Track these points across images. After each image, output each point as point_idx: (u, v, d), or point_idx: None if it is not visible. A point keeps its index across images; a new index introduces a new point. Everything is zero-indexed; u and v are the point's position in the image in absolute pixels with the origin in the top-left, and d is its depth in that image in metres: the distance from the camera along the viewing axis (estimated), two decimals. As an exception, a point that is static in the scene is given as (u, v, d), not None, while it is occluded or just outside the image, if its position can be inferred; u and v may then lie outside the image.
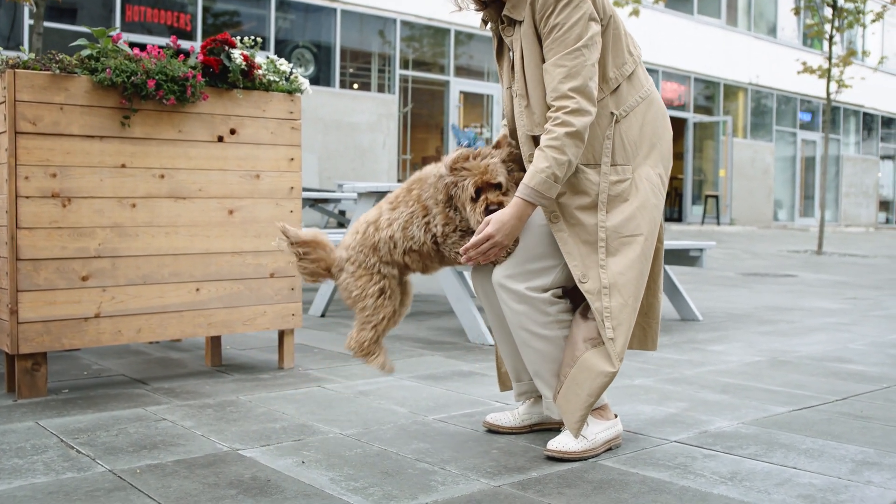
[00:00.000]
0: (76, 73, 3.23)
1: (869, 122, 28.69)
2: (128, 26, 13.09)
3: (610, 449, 2.61)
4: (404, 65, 17.39)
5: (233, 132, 3.60)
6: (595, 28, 2.43)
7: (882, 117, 29.08)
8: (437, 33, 17.94)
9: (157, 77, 3.30)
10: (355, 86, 16.77)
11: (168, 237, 3.44)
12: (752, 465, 2.48)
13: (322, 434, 2.76)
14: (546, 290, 2.54)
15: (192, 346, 4.36)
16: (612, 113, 2.52)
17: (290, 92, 3.78)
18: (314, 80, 15.40)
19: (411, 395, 3.35)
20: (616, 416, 2.67)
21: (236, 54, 3.55)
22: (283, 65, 3.75)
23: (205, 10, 14.18)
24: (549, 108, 2.44)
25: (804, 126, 26.20)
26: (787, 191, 25.97)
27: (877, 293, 8.14)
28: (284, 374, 3.73)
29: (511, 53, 2.60)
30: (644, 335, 2.77)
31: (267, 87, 3.70)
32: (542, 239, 2.55)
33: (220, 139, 3.57)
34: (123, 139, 3.33)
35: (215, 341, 3.90)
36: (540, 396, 2.81)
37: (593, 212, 2.50)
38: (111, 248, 3.30)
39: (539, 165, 2.40)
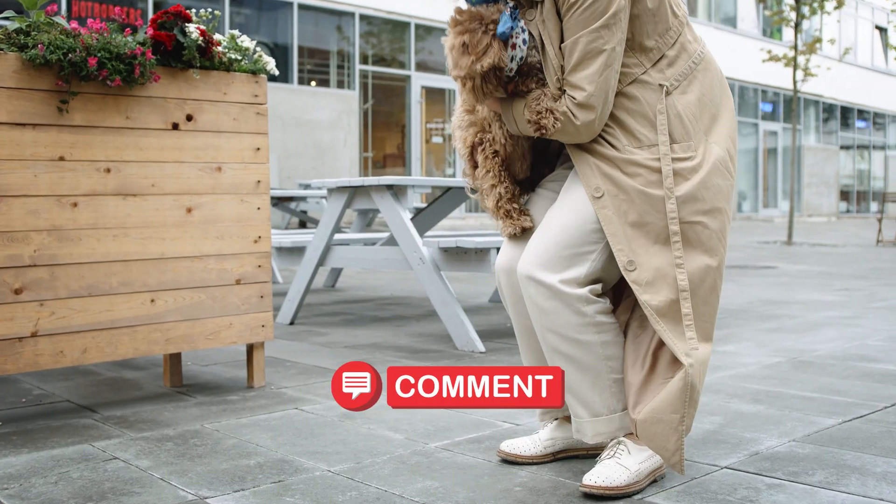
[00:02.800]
0: (2, 49, 2.74)
1: (828, 112, 28.72)
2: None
3: (655, 481, 2.19)
4: (364, 60, 16.91)
5: (189, 118, 3.12)
6: (619, 4, 2.03)
7: (841, 107, 29.13)
8: (397, 27, 17.48)
9: (99, 54, 2.82)
10: (313, 83, 16.25)
11: (116, 241, 2.96)
12: (828, 497, 2.07)
13: (306, 472, 2.30)
14: (582, 285, 2.11)
15: (148, 363, 3.87)
16: (660, 85, 2.13)
17: (254, 72, 3.31)
18: (271, 78, 14.84)
19: (404, 416, 2.90)
20: (659, 442, 2.25)
21: (192, 29, 3.07)
22: (245, 41, 3.28)
23: (156, 6, 13.59)
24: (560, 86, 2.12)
25: (765, 117, 26.13)
26: (750, 182, 25.87)
27: (866, 283, 7.85)
28: (255, 394, 3.27)
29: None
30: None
31: (227, 66, 3.23)
32: (578, 218, 2.13)
33: (175, 126, 3.09)
34: (61, 127, 2.84)
35: (175, 359, 3.42)
36: (567, 417, 2.38)
37: (652, 190, 2.10)
38: (49, 256, 2.81)
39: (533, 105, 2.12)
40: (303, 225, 12.33)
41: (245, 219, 3.28)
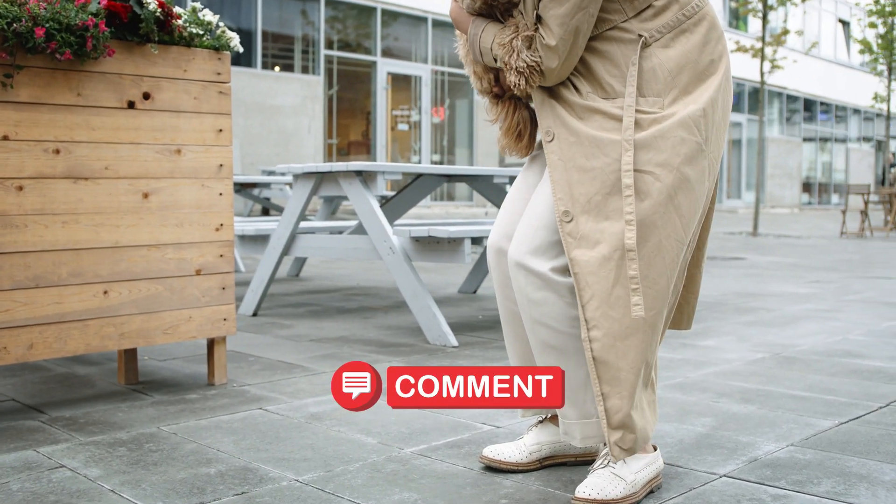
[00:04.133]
0: (-61, 17, 2.50)
1: (792, 105, 28.87)
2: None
3: (651, 491, 2.03)
4: (329, 45, 16.62)
5: (146, 97, 2.90)
6: None
7: (804, 99, 29.30)
8: (363, 13, 17.20)
9: (47, 25, 2.59)
10: (277, 68, 15.94)
11: (66, 228, 2.74)
12: (839, 510, 1.93)
13: (273, 481, 2.11)
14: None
15: (102, 358, 3.65)
16: (639, 36, 1.94)
17: (216, 48, 3.10)
18: (234, 61, 14.51)
19: (376, 417, 2.72)
20: (656, 449, 2.09)
21: (150, 0, 2.85)
22: (208, 15, 3.07)
23: (114, -16, 13.18)
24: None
25: (730, 108, 26.14)
26: (715, 173, 25.88)
27: (837, 276, 7.78)
28: (216, 392, 3.06)
29: None
30: (680, 312, 2.19)
31: (188, 41, 3.01)
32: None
33: (131, 105, 2.87)
34: (5, 104, 2.61)
35: (130, 354, 3.20)
36: (553, 417, 2.22)
37: (604, 134, 1.92)
38: (-9, 243, 2.59)
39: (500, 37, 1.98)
40: (266, 212, 12.08)
41: (206, 205, 3.07)
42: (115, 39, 2.81)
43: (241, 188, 8.77)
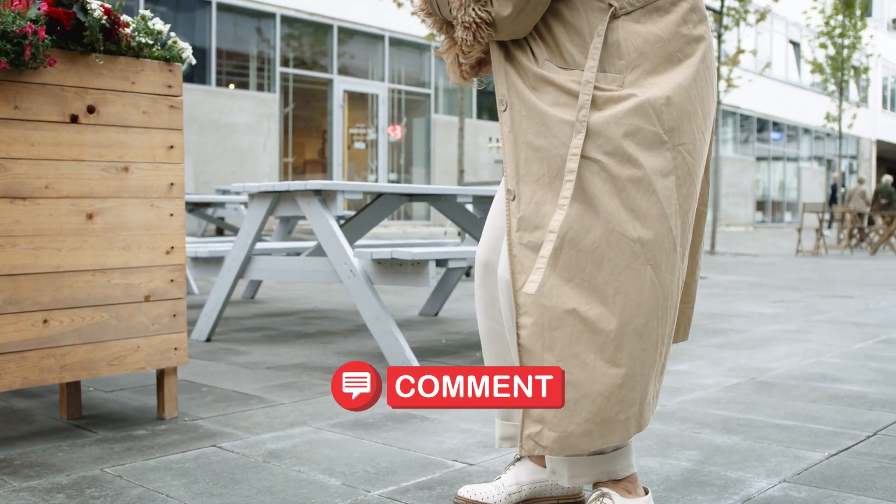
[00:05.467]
0: None
1: (745, 124, 29.19)
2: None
3: (643, 538, 1.87)
4: (285, 63, 16.42)
5: (91, 110, 2.70)
6: None
7: (758, 119, 29.65)
8: (319, 30, 17.03)
9: (-19, 32, 2.39)
10: (232, 85, 15.69)
11: (2, 252, 2.52)
12: (846, 557, 1.78)
13: (228, 531, 1.92)
14: None
15: (43, 390, 3.41)
16: (609, 5, 1.77)
17: (167, 60, 2.91)
18: (187, 78, 14.24)
19: (339, 454, 2.53)
20: (647, 492, 1.93)
21: (95, 6, 2.66)
22: (158, 23, 2.87)
23: None
24: None
25: (685, 127, 26.34)
26: (671, 192, 26.04)
27: (800, 295, 7.75)
28: (166, 427, 2.85)
29: None
30: (675, 324, 2.02)
31: (137, 52, 2.82)
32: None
33: (75, 119, 2.67)
34: (-66, 117, 2.40)
35: (73, 387, 2.98)
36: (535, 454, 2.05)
37: (555, 111, 1.76)
38: (-82, 269, 2.37)
39: None
40: (220, 232, 11.81)
41: (156, 227, 2.87)
42: (56, 48, 2.61)
43: (195, 208, 8.53)
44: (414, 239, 14.43)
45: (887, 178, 20.11)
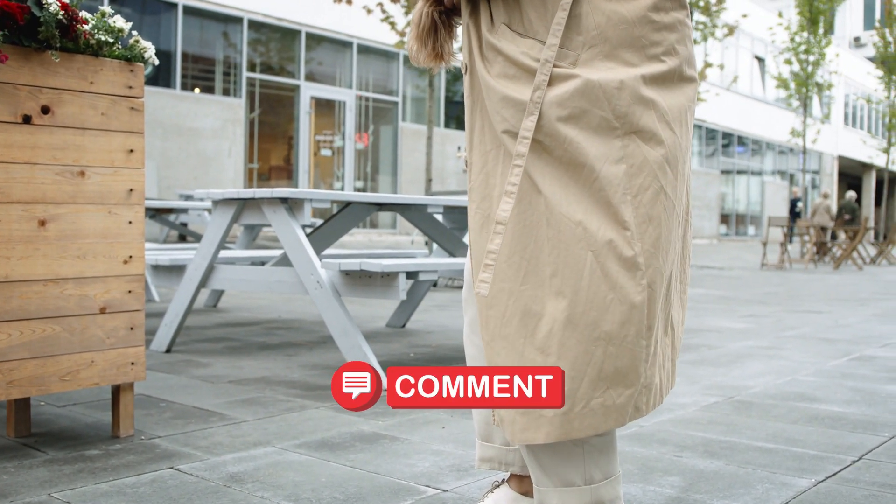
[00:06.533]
0: None
1: (710, 137, 29.40)
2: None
3: (630, 576, 1.76)
4: (251, 68, 16.22)
5: (46, 111, 2.55)
6: None
7: (722, 133, 29.88)
8: (287, 35, 16.85)
9: (-74, 25, 2.24)
10: (197, 89, 15.47)
11: (-54, 259, 2.36)
12: None
13: (184, 567, 1.78)
14: None
15: (-9, 404, 3.24)
16: None
17: (128, 59, 2.76)
18: (152, 81, 14.00)
19: (304, 478, 2.39)
20: (635, 525, 1.82)
21: (51, 0, 2.51)
22: (119, 21, 2.73)
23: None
24: None
25: (652, 140, 26.46)
26: (636, 204, 26.13)
27: (769, 310, 7.72)
28: (121, 447, 2.70)
29: None
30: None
31: (96, 50, 2.67)
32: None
33: (27, 120, 2.51)
34: None
35: (21, 403, 2.81)
36: (511, 478, 1.93)
37: (499, 86, 1.65)
38: None
39: None
40: (182, 239, 11.59)
41: (113, 234, 2.72)
42: (8, 44, 2.45)
43: (157, 213, 8.34)
44: (380, 248, 14.29)
45: (851, 195, 20.33)
